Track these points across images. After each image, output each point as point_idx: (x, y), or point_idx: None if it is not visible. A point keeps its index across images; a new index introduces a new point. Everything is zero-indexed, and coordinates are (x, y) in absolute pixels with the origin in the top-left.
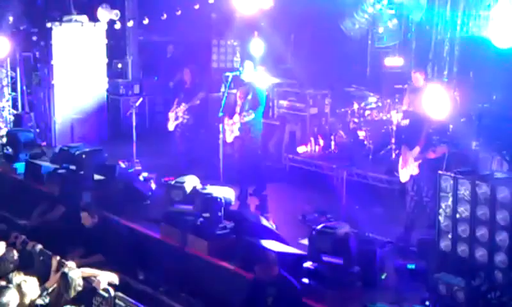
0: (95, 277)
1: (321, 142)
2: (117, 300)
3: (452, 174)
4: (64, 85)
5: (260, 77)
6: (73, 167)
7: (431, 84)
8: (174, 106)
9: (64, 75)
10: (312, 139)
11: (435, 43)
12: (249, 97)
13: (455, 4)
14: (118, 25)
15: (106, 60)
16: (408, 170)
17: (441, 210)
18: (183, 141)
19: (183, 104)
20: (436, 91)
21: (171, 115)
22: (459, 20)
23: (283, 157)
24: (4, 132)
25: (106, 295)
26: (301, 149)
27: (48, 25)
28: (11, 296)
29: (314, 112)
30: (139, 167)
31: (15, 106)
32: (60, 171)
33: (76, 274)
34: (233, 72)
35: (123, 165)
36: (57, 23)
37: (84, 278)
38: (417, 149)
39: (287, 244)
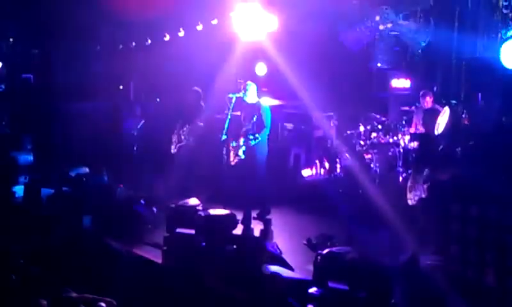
0: (94, 302)
1: (327, 165)
2: None
3: (461, 198)
4: (65, 106)
5: (264, 99)
6: (73, 190)
7: (439, 106)
8: (177, 128)
9: (65, 97)
10: (317, 161)
11: (442, 64)
12: (254, 119)
13: (462, 25)
14: (120, 46)
15: (107, 81)
16: (416, 193)
17: (449, 234)
18: (185, 164)
19: (186, 126)
20: (444, 112)
21: (174, 138)
22: (467, 41)
23: (288, 180)
24: None
25: None
26: (306, 172)
27: (49, 46)
28: None
29: (319, 135)
30: (140, 190)
31: (14, 128)
32: (60, 194)
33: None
34: (237, 94)
35: (124, 188)
36: (58, 43)
37: (83, 304)
38: (427, 171)
39: (292, 269)
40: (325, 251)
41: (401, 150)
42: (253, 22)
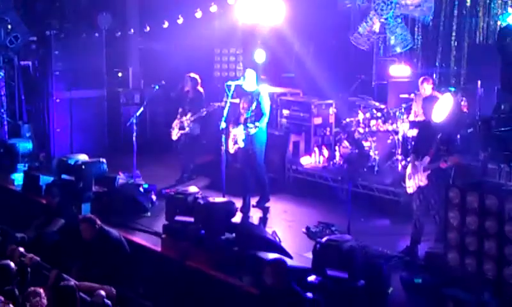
0: (93, 290)
1: (325, 153)
2: None
3: (460, 186)
4: (64, 94)
5: (262, 86)
6: (72, 178)
7: (439, 93)
8: (178, 115)
9: (63, 84)
10: (316, 149)
11: (442, 51)
12: (253, 107)
13: (462, 12)
14: (118, 33)
15: (106, 69)
16: (415, 181)
17: (448, 223)
18: (185, 151)
19: (189, 114)
20: (446, 99)
21: (175, 123)
22: (467, 27)
23: (287, 168)
24: None
25: None
26: (305, 160)
27: (48, 33)
28: None
29: (318, 122)
30: (140, 178)
31: (13, 116)
32: (59, 182)
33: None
34: (236, 81)
35: (123, 176)
36: (56, 31)
37: (82, 292)
38: (427, 159)
39: (291, 257)
40: (324, 239)
41: (400, 138)
42: (256, 9)
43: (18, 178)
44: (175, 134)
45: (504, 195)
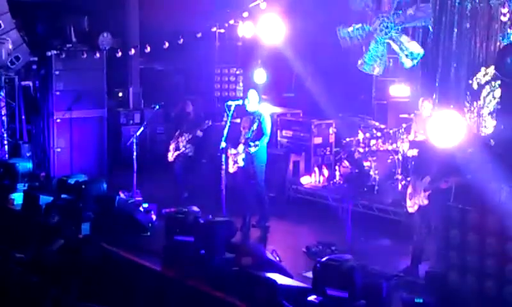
0: None
1: (326, 172)
2: None
3: (461, 206)
4: (64, 114)
5: (264, 106)
6: (72, 198)
7: (441, 111)
8: (175, 136)
9: (64, 104)
10: (316, 169)
11: (442, 72)
12: (254, 127)
13: (461, 33)
14: (119, 54)
15: (106, 89)
16: (416, 201)
17: (449, 242)
18: (183, 172)
19: (185, 134)
20: (449, 117)
21: (172, 145)
22: (466, 49)
23: (287, 188)
24: None
25: None
26: (305, 179)
27: (49, 53)
28: None
29: (318, 142)
30: (140, 198)
31: (13, 135)
32: (59, 202)
33: None
34: (236, 101)
35: (123, 195)
36: (57, 51)
37: None
38: (427, 179)
39: (291, 276)
40: (324, 259)
41: (400, 158)
42: (256, 29)
43: (17, 197)
44: (171, 155)
45: (504, 215)
